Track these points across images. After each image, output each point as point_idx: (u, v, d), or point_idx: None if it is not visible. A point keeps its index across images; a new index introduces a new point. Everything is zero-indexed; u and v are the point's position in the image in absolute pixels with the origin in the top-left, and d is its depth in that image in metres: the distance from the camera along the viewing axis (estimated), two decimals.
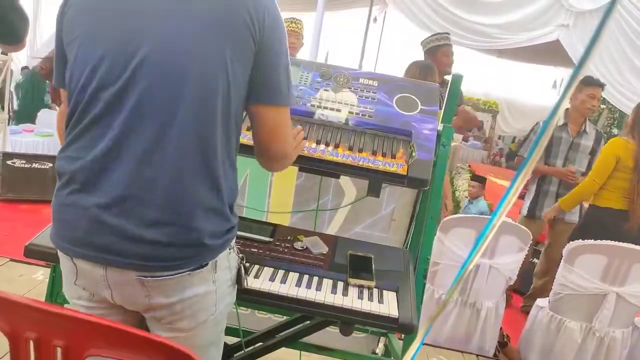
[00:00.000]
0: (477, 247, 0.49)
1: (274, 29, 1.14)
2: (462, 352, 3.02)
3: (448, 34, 3.74)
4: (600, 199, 3.33)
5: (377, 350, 2.31)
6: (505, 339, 3.23)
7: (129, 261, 1.08)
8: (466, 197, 6.25)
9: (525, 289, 4.00)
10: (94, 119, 1.09)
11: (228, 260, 1.23)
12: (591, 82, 3.64)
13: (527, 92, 9.43)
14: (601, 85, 3.68)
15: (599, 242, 2.70)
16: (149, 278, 1.10)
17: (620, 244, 2.82)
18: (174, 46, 1.07)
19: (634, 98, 4.49)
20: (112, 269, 1.10)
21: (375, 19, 6.58)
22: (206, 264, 1.15)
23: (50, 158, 4.70)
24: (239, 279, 1.30)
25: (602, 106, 7.86)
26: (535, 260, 4.07)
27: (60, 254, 1.17)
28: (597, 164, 3.34)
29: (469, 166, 8.53)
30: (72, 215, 1.11)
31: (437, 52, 3.60)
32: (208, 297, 1.18)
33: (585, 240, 2.71)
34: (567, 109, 3.80)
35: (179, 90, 1.06)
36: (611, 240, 2.78)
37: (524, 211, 3.91)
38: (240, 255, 1.31)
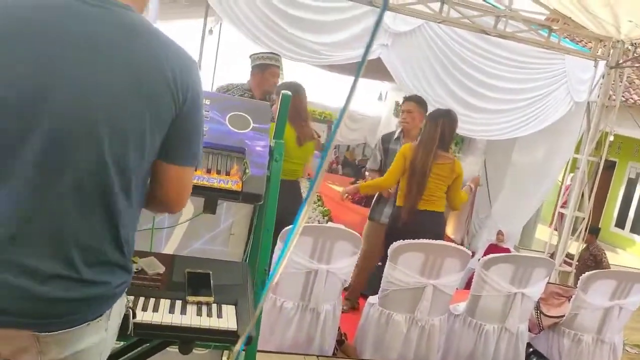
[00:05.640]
0: (286, 246, 0.56)
1: (196, 98, 1.16)
2: (304, 354, 3.15)
3: (279, 55, 3.88)
4: (398, 198, 3.78)
5: None
6: (342, 337, 3.46)
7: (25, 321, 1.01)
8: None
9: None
10: None
11: (120, 306, 1.19)
12: (406, 98, 4.15)
13: (358, 104, 10.14)
14: (413, 100, 4.16)
15: (417, 240, 3.04)
16: (44, 333, 1.02)
17: (435, 242, 3.20)
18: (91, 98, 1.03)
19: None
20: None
21: (211, 31, 6.54)
22: (102, 314, 1.11)
23: None
24: (125, 324, 1.27)
25: None
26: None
27: None
28: (392, 164, 3.75)
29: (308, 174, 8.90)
30: None
31: (266, 71, 3.69)
32: (100, 345, 1.13)
33: (406, 240, 3.02)
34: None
35: (88, 147, 1.03)
36: (407, 233, 3.18)
37: (369, 215, 4.29)
38: (127, 299, 1.27)
